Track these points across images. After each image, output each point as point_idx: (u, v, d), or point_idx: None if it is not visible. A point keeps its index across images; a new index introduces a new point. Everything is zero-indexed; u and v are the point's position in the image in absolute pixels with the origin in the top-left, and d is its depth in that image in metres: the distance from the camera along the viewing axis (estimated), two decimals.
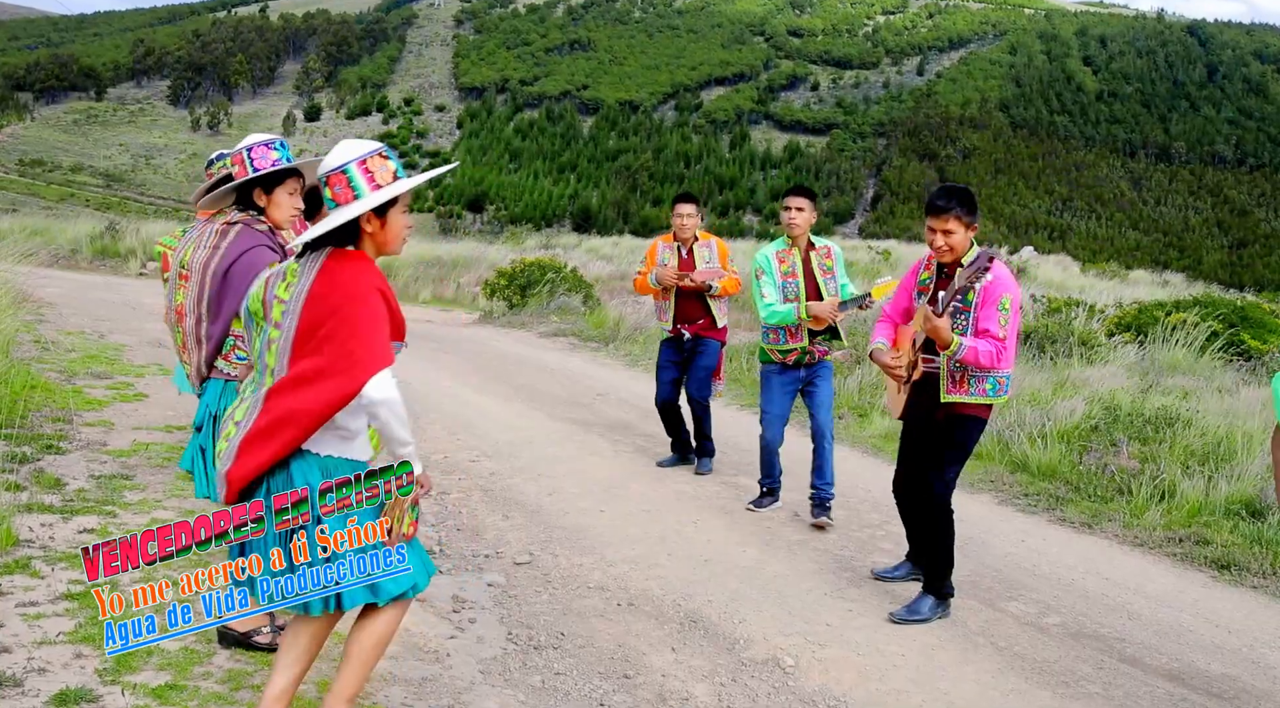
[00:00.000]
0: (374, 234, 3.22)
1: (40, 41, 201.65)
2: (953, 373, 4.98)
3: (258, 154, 4.12)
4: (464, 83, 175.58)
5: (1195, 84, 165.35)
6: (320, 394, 3.02)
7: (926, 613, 5.09)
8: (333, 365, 3.02)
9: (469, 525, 6.20)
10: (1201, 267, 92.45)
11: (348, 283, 3.09)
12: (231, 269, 4.01)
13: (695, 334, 7.58)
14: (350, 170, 3.19)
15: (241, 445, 3.11)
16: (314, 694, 3.81)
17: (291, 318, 3.11)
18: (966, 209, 4.92)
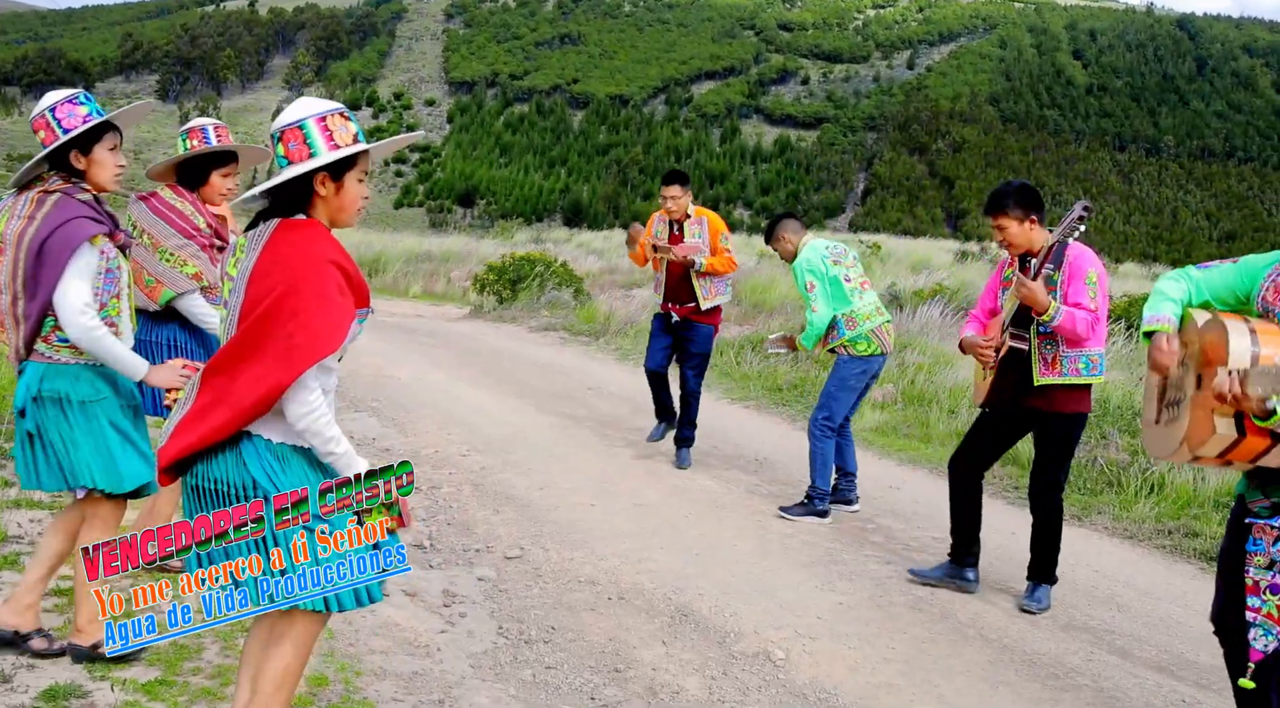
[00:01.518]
0: (327, 198, 2.94)
1: (27, 36, 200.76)
2: (1044, 354, 5.03)
3: (63, 113, 3.70)
4: (454, 77, 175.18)
5: (1185, 78, 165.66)
6: (254, 381, 2.78)
7: (1047, 600, 5.26)
8: (269, 350, 2.77)
9: (459, 520, 6.19)
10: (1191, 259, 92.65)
11: (295, 256, 2.82)
12: (47, 243, 3.59)
13: (683, 317, 7.48)
14: (308, 126, 2.90)
15: (179, 425, 2.90)
16: (304, 690, 3.80)
17: (237, 296, 2.89)
18: (1017, 203, 5.07)
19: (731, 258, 7.45)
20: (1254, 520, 3.24)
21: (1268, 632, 3.16)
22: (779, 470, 7.63)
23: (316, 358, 2.78)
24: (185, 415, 2.90)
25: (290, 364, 2.75)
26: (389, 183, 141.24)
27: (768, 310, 14.99)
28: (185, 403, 2.94)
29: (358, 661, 4.16)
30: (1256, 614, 3.18)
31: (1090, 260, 5.03)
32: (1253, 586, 3.20)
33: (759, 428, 9.28)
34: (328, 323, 2.80)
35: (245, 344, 2.82)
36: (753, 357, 12.14)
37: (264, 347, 2.78)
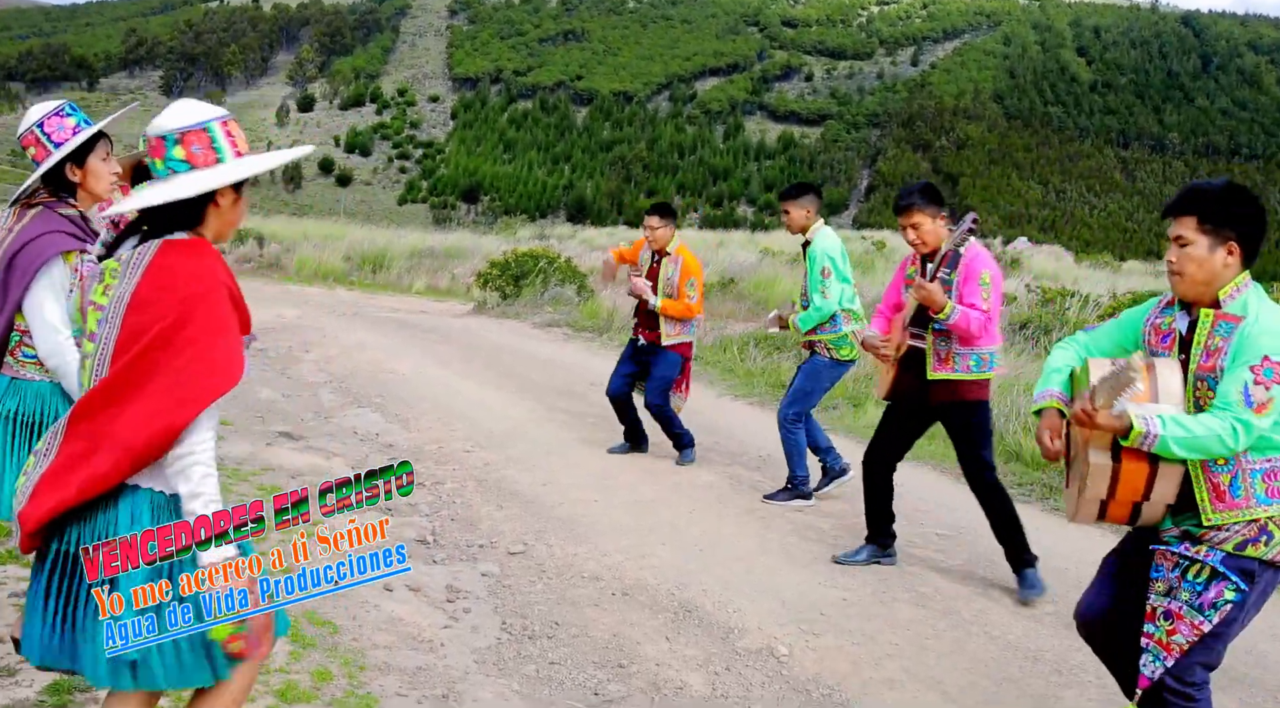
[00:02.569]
0: (223, 212, 2.62)
1: (32, 31, 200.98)
2: (938, 351, 5.27)
3: (51, 127, 3.58)
4: (458, 73, 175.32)
5: (1189, 75, 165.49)
6: (143, 421, 2.41)
7: (1040, 584, 5.32)
8: (159, 385, 2.42)
9: (463, 516, 6.20)
10: None
11: (187, 282, 2.47)
12: (17, 257, 3.46)
13: (651, 343, 7.54)
14: (213, 129, 2.57)
15: (41, 480, 2.49)
16: (308, 685, 3.81)
17: (110, 328, 2.51)
18: (928, 201, 5.29)
19: (689, 305, 7.42)
20: (1157, 547, 3.27)
21: (1156, 658, 3.21)
22: (782, 467, 7.61)
23: (218, 393, 2.45)
24: (49, 469, 2.50)
25: (187, 400, 2.42)
26: (393, 179, 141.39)
27: (770, 307, 14.98)
28: (45, 456, 2.54)
29: (361, 655, 4.17)
30: (1149, 640, 3.22)
31: (985, 262, 5.22)
32: (1150, 612, 3.24)
33: (762, 425, 9.28)
34: (227, 353, 2.48)
35: (126, 381, 2.45)
36: (756, 353, 12.15)
37: (152, 382, 2.43)
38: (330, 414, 8.53)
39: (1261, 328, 3.07)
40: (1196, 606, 3.14)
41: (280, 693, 3.71)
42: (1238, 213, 3.14)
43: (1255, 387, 3.02)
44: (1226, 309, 3.14)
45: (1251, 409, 3.01)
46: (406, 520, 5.98)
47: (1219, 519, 3.13)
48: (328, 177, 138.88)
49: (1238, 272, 3.16)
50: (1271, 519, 3.12)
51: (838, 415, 9.68)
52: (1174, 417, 3.07)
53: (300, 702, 3.68)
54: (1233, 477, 3.13)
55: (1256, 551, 3.12)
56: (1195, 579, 3.15)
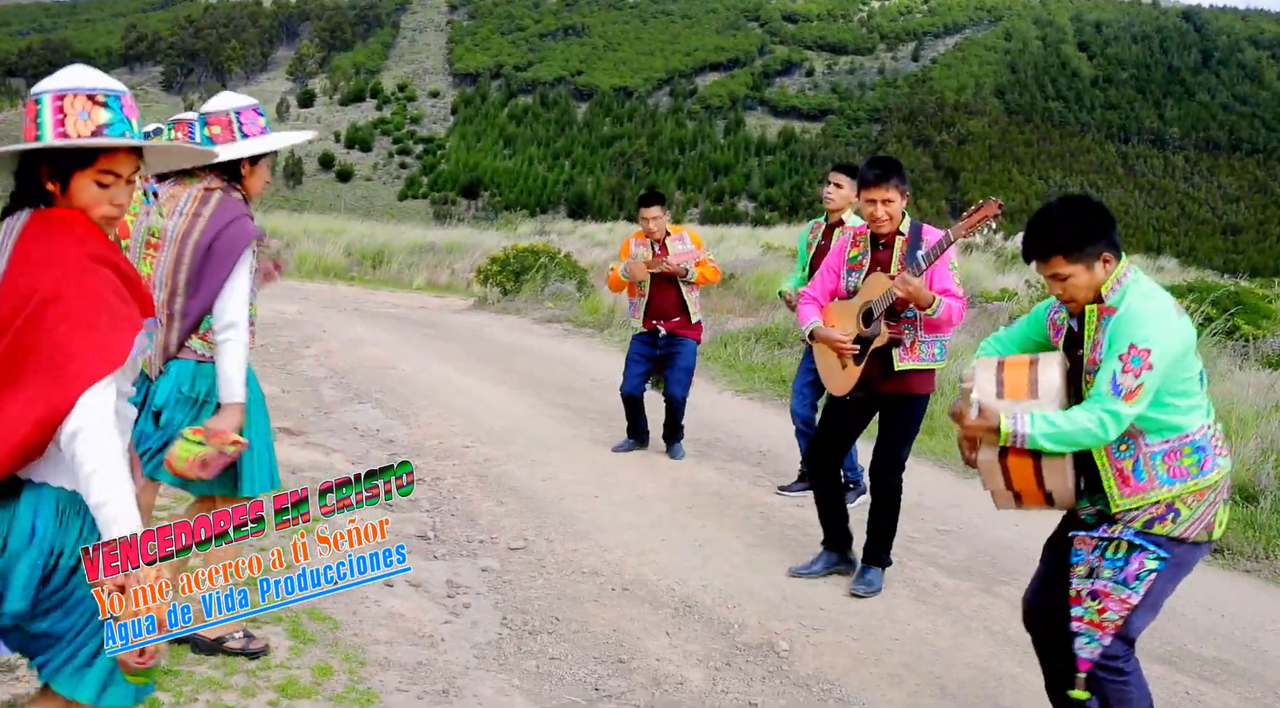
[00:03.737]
0: (56, 200, 2.39)
1: (32, 27, 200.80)
2: (904, 340, 5.02)
3: (247, 118, 3.76)
4: (458, 68, 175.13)
5: (1190, 70, 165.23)
6: (22, 411, 2.24)
7: (879, 584, 5.23)
8: (35, 369, 2.25)
9: (463, 511, 6.20)
10: (1196, 252, 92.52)
11: (54, 256, 2.30)
12: (215, 242, 3.65)
13: (671, 331, 7.47)
14: (43, 101, 2.35)
15: None
16: (309, 680, 3.81)
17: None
18: (902, 178, 4.98)
19: (716, 266, 7.54)
20: (1076, 533, 3.36)
21: (1091, 638, 3.28)
22: (782, 462, 7.62)
23: (98, 374, 2.25)
24: None
25: (63, 381, 2.23)
26: (393, 175, 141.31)
27: (770, 302, 14.97)
28: None
29: (362, 651, 4.17)
30: (1080, 623, 3.30)
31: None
32: (1075, 596, 3.31)
33: (762, 420, 9.28)
34: (106, 332, 2.28)
35: (4, 368, 2.28)
36: (757, 349, 12.14)
37: (29, 366, 2.25)
38: (330, 410, 8.53)
39: (1128, 317, 3.18)
40: (1121, 580, 3.23)
41: (281, 688, 3.71)
42: (1090, 228, 3.22)
43: (1123, 375, 3.11)
44: (1108, 302, 3.25)
45: (1120, 397, 3.11)
46: (407, 516, 5.98)
47: (1126, 504, 3.23)
48: (328, 172, 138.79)
49: (1115, 265, 3.26)
50: (1178, 498, 3.21)
51: None
52: (1043, 414, 3.18)
53: (301, 697, 3.69)
54: (1135, 461, 3.23)
55: (1163, 528, 3.22)
56: (1114, 556, 3.25)
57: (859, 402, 5.18)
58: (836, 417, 5.30)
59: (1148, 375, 3.09)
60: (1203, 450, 3.24)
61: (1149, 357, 3.10)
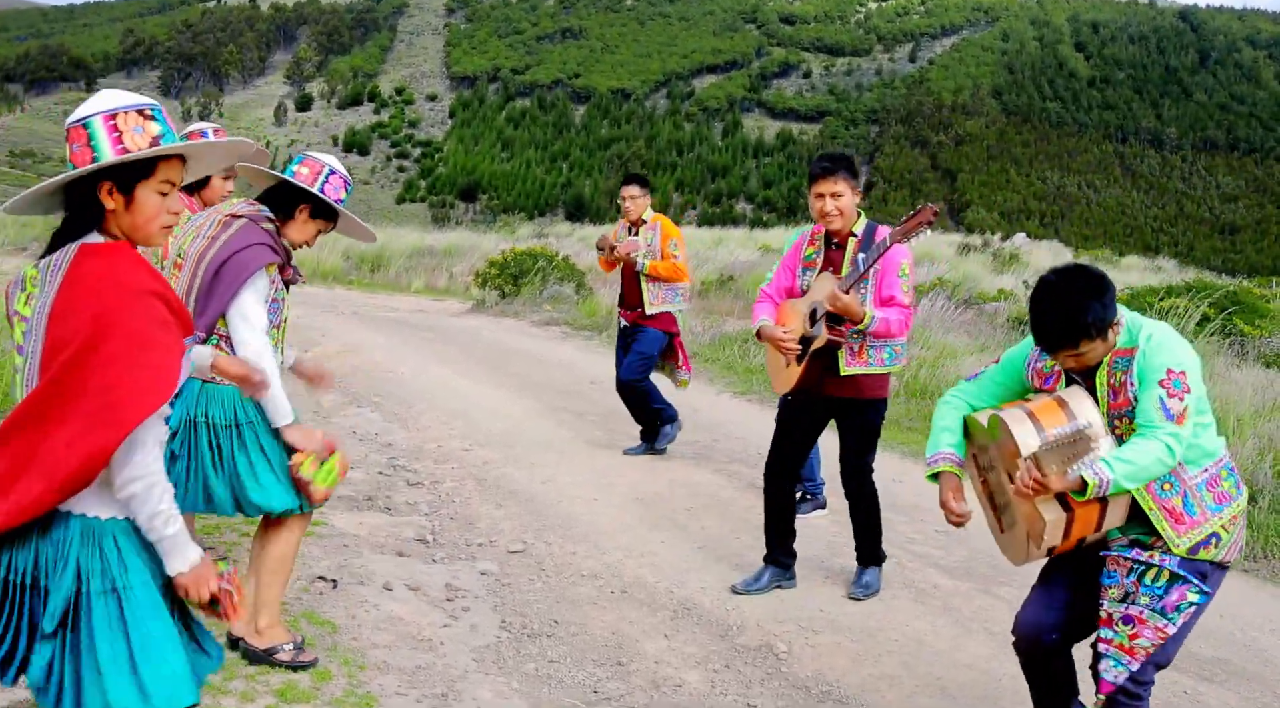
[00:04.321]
0: (117, 215, 2.40)
1: (29, 32, 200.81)
2: (850, 345, 4.88)
3: (333, 186, 3.91)
4: (456, 72, 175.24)
5: (1187, 70, 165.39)
6: (69, 446, 2.26)
7: (877, 584, 5.20)
8: (84, 406, 2.26)
9: (462, 514, 6.20)
10: (1194, 252, 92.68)
11: (104, 290, 2.30)
12: (226, 265, 3.71)
13: (632, 322, 7.51)
14: (93, 125, 2.35)
15: None
16: (307, 684, 3.81)
17: (35, 340, 2.36)
18: (850, 171, 4.87)
19: (677, 265, 7.41)
20: (1108, 553, 3.29)
21: (1118, 662, 3.23)
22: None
23: (148, 411, 2.28)
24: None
25: (114, 422, 2.25)
26: (391, 178, 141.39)
27: None
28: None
29: (361, 655, 4.17)
30: (1109, 646, 3.24)
31: (903, 252, 4.81)
32: (1106, 618, 3.26)
33: (761, 422, 9.27)
34: (155, 367, 2.31)
35: (51, 400, 2.29)
36: (756, 351, 12.14)
37: (76, 402, 2.27)
38: (329, 414, 8.52)
39: (1155, 347, 3.13)
40: (1159, 609, 3.16)
41: (280, 693, 3.71)
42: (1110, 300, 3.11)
43: (1171, 399, 3.07)
44: (1118, 346, 3.19)
45: (1174, 421, 3.06)
46: (406, 520, 5.98)
47: (1186, 542, 3.17)
48: None
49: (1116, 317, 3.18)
50: (1223, 525, 3.19)
51: None
52: (1116, 456, 3.08)
53: (300, 701, 3.68)
54: (1183, 497, 3.18)
55: (1208, 553, 3.19)
56: (1154, 584, 3.18)
57: (811, 405, 5.09)
58: (787, 420, 5.20)
59: (1189, 398, 3.07)
60: (1234, 472, 3.25)
61: (1186, 378, 3.08)
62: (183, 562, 2.41)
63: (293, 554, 3.93)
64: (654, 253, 7.37)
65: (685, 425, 7.86)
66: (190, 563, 2.41)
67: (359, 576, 4.99)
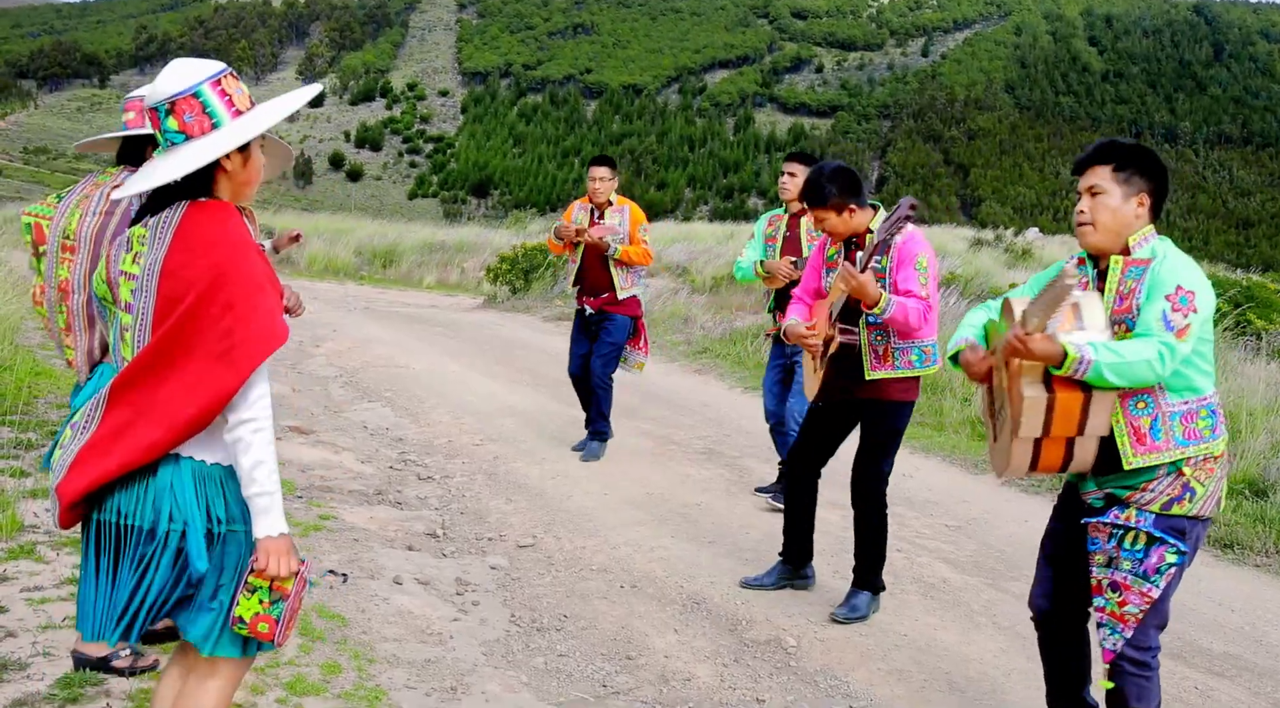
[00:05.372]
0: (233, 174, 2.52)
1: (43, 29, 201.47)
2: (875, 347, 4.72)
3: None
4: (467, 67, 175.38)
5: (1201, 64, 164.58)
6: (189, 389, 2.35)
7: (865, 610, 4.88)
8: (203, 351, 2.36)
9: (472, 509, 6.21)
10: (1208, 247, 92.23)
11: (216, 242, 2.40)
12: None
13: (598, 309, 7.32)
14: (204, 93, 2.46)
15: (80, 454, 2.44)
16: (317, 678, 3.83)
17: (147, 297, 2.42)
18: (840, 193, 4.66)
19: (648, 250, 7.29)
20: (1089, 520, 3.31)
21: (1114, 630, 3.25)
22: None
23: (265, 353, 2.38)
24: (90, 440, 2.44)
25: (235, 363, 2.35)
26: (403, 174, 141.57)
27: None
28: (84, 428, 2.48)
29: (370, 648, 4.18)
30: (1103, 614, 3.27)
31: (920, 245, 4.63)
32: (1096, 585, 3.29)
33: None
34: (268, 314, 2.41)
35: (168, 349, 2.38)
36: (766, 346, 12.13)
37: (195, 348, 2.37)
38: (340, 409, 8.55)
39: (1171, 265, 3.17)
40: (1141, 574, 3.20)
41: (289, 686, 3.73)
42: (1150, 165, 3.25)
43: (1174, 313, 3.08)
44: (1136, 255, 3.23)
45: (1173, 333, 3.07)
46: (416, 514, 6.00)
47: (1140, 462, 3.18)
48: (338, 172, 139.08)
49: (1146, 223, 3.25)
50: (1194, 471, 3.18)
51: None
52: (1104, 343, 3.11)
53: (309, 694, 3.70)
54: (1153, 420, 3.19)
55: (1182, 508, 3.19)
56: (1133, 547, 3.21)
57: (837, 408, 4.91)
58: (812, 420, 5.06)
59: (1194, 317, 3.08)
60: (1215, 415, 3.23)
61: (1194, 299, 3.09)
62: (273, 525, 2.40)
63: None
64: (623, 237, 7.22)
65: (696, 420, 7.86)
66: (279, 529, 2.41)
67: (369, 570, 5.00)
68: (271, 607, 2.43)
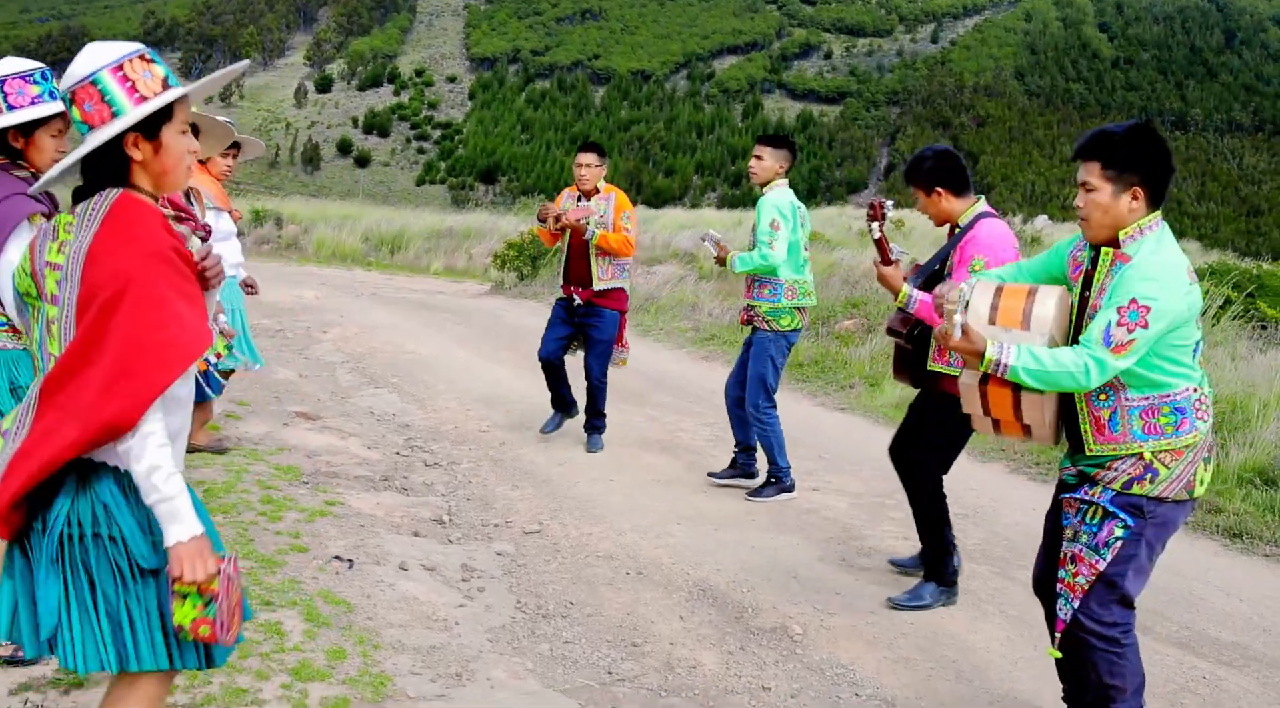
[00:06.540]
0: (145, 163, 2.39)
1: (51, 14, 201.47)
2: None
3: (12, 88, 3.40)
4: (475, 53, 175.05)
5: (1213, 50, 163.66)
6: (110, 390, 2.23)
7: (929, 599, 4.88)
8: (126, 351, 2.24)
9: (479, 495, 6.21)
10: (1218, 235, 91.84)
11: (140, 236, 2.29)
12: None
13: (587, 300, 7.15)
14: (102, 80, 2.33)
15: (13, 460, 2.32)
16: (322, 663, 3.82)
17: (71, 286, 2.31)
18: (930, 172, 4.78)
19: (628, 239, 7.08)
20: (1064, 496, 3.40)
21: (1065, 600, 3.33)
22: (799, 448, 7.60)
23: (189, 358, 2.29)
24: (20, 447, 2.33)
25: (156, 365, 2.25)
26: (411, 160, 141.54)
27: None
28: (15, 434, 2.36)
29: (376, 634, 4.18)
30: (1061, 585, 3.35)
31: (981, 247, 4.57)
32: (1064, 558, 3.36)
33: (779, 405, 9.25)
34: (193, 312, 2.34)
35: (90, 345, 2.28)
36: None
37: (116, 345, 2.25)
38: (347, 394, 8.54)
39: (1137, 270, 3.13)
40: (1093, 546, 3.28)
41: (294, 671, 3.72)
42: (1141, 156, 3.19)
43: (1117, 328, 3.07)
44: (1124, 249, 3.22)
45: (1109, 349, 3.08)
46: (423, 500, 5.99)
47: (1100, 451, 3.27)
48: (346, 158, 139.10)
49: (1144, 214, 3.22)
50: (1155, 456, 3.22)
51: (854, 395, 9.64)
52: (1030, 348, 3.16)
53: (315, 680, 3.70)
54: (1112, 412, 3.25)
55: (1142, 488, 3.23)
56: (1091, 521, 3.29)
57: (918, 400, 4.97)
58: (909, 409, 5.07)
59: (1141, 333, 3.06)
60: (1182, 412, 3.22)
61: (1147, 314, 3.05)
62: (182, 531, 2.28)
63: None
64: (605, 224, 7.05)
65: (703, 408, 7.85)
66: (190, 533, 2.28)
67: (375, 555, 5.00)
68: (206, 609, 2.33)
